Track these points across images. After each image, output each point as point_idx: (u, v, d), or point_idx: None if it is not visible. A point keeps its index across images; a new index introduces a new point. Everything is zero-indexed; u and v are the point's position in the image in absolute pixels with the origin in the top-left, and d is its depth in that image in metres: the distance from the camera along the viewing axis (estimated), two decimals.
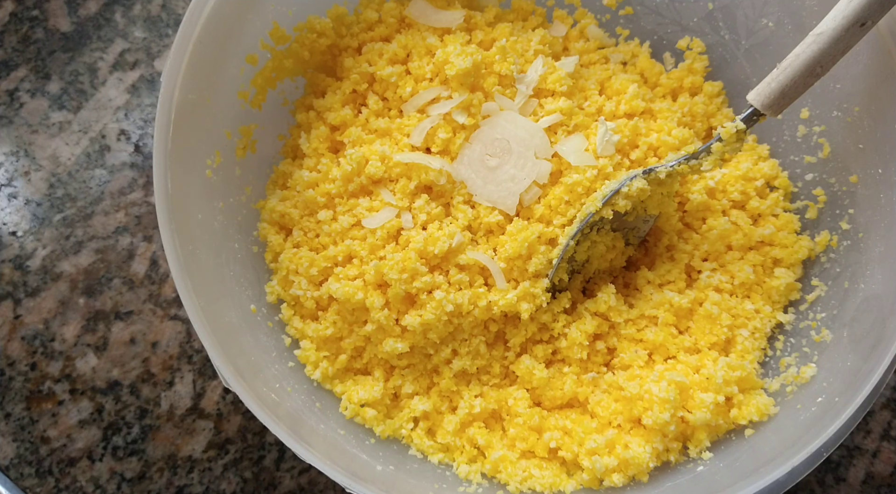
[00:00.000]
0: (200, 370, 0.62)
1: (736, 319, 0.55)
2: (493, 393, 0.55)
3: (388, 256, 0.53)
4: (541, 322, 0.55)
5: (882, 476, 0.59)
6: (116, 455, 0.60)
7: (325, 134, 0.58)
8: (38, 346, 0.63)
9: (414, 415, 0.55)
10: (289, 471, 0.60)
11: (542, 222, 0.55)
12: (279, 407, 0.50)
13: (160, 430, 0.61)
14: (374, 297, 0.53)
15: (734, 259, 0.57)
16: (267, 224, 0.57)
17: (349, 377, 0.56)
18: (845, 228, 0.55)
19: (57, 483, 0.59)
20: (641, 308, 0.56)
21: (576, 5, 0.64)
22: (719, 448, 0.52)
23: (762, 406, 0.52)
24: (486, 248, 0.54)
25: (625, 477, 0.51)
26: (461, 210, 0.55)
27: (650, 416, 0.51)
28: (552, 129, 0.56)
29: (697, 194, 0.58)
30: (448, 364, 0.55)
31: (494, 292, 0.54)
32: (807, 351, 0.54)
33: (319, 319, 0.56)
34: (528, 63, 0.58)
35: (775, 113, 0.50)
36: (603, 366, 0.56)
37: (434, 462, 0.54)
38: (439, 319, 0.52)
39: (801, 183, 0.58)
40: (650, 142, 0.57)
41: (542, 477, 0.52)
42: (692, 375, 0.53)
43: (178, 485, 0.59)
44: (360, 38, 0.59)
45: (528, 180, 0.54)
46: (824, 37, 0.46)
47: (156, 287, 0.64)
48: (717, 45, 0.61)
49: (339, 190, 0.55)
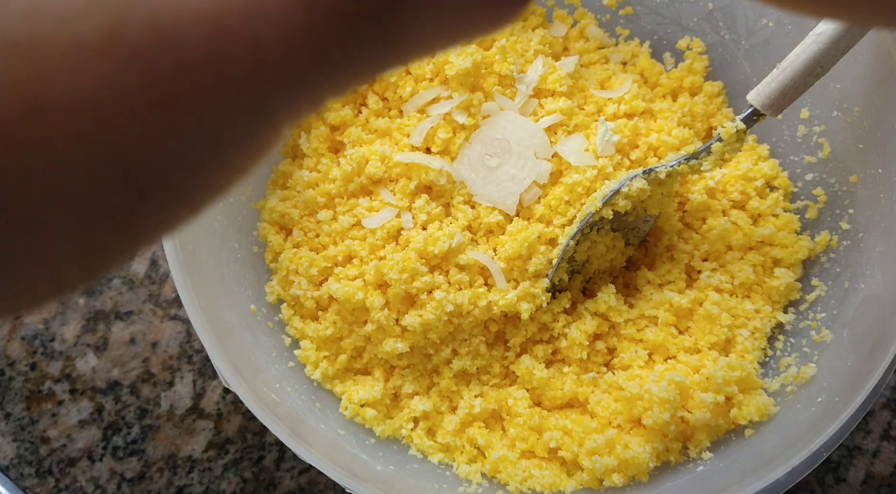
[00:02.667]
0: (200, 370, 0.62)
1: (736, 319, 0.55)
2: (493, 393, 0.55)
3: (388, 256, 0.53)
4: (541, 322, 0.55)
5: (882, 476, 0.59)
6: (116, 455, 0.60)
7: (325, 134, 0.58)
8: (38, 346, 0.63)
9: (414, 415, 0.55)
10: (289, 471, 0.60)
11: (542, 222, 0.55)
12: (279, 406, 0.50)
13: (160, 430, 0.61)
14: (374, 297, 0.53)
15: (734, 259, 0.57)
16: (267, 224, 0.57)
17: (349, 377, 0.56)
18: (845, 228, 0.55)
19: (57, 483, 0.59)
20: (641, 308, 0.56)
21: (576, 5, 0.64)
22: (719, 448, 0.52)
23: (762, 406, 0.52)
24: (486, 248, 0.54)
25: (625, 477, 0.51)
26: (461, 210, 0.55)
27: (650, 416, 0.51)
28: (552, 129, 0.56)
29: (697, 194, 0.58)
30: (448, 364, 0.55)
31: (494, 292, 0.54)
32: (807, 351, 0.54)
33: (319, 319, 0.56)
34: (528, 63, 0.58)
35: (775, 113, 0.50)
36: (603, 366, 0.56)
37: (434, 462, 0.54)
38: (439, 319, 0.52)
39: (801, 183, 0.58)
40: (650, 142, 0.57)
41: (542, 477, 0.52)
42: (692, 375, 0.53)
43: (178, 485, 0.59)
44: None
45: (528, 180, 0.54)
46: (824, 37, 0.46)
47: (156, 287, 0.64)
48: (717, 45, 0.61)
49: (339, 190, 0.55)
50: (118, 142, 0.12)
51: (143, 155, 0.13)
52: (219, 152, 0.14)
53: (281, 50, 0.13)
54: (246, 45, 0.13)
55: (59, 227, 0.13)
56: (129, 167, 0.12)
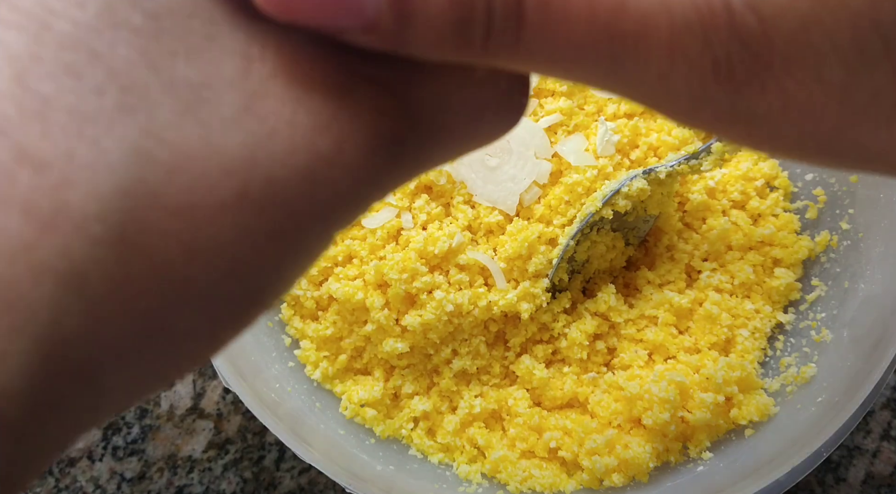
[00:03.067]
0: (200, 370, 0.62)
1: (736, 319, 0.55)
2: (493, 393, 0.55)
3: (388, 256, 0.53)
4: (541, 322, 0.55)
5: (882, 476, 0.59)
6: (116, 455, 0.60)
7: None
8: None
9: (414, 415, 0.55)
10: (289, 471, 0.60)
11: (542, 222, 0.55)
12: (279, 406, 0.50)
13: (160, 430, 0.61)
14: (374, 297, 0.53)
15: (734, 259, 0.57)
16: None
17: (349, 377, 0.56)
18: (845, 228, 0.55)
19: (57, 483, 0.59)
20: (641, 308, 0.56)
21: None
22: (719, 448, 0.52)
23: (762, 406, 0.52)
24: (486, 248, 0.54)
25: (625, 477, 0.51)
26: (461, 210, 0.55)
27: (650, 416, 0.51)
28: (552, 129, 0.56)
29: (697, 194, 0.58)
30: (448, 364, 0.55)
31: (494, 292, 0.54)
32: (807, 351, 0.54)
33: (319, 319, 0.56)
34: None
35: None
36: (603, 366, 0.56)
37: (434, 462, 0.54)
38: (439, 319, 0.52)
39: (801, 183, 0.58)
40: (650, 142, 0.57)
41: (542, 477, 0.52)
42: (692, 375, 0.53)
43: (178, 485, 0.59)
44: None
45: (528, 180, 0.54)
46: None
47: None
48: None
49: None
50: (244, 268, 0.17)
51: (261, 273, 0.18)
52: (302, 265, 0.19)
53: (349, 184, 0.18)
54: (327, 186, 0.17)
55: (200, 330, 0.18)
56: (251, 284, 0.18)
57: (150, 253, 0.15)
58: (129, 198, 0.14)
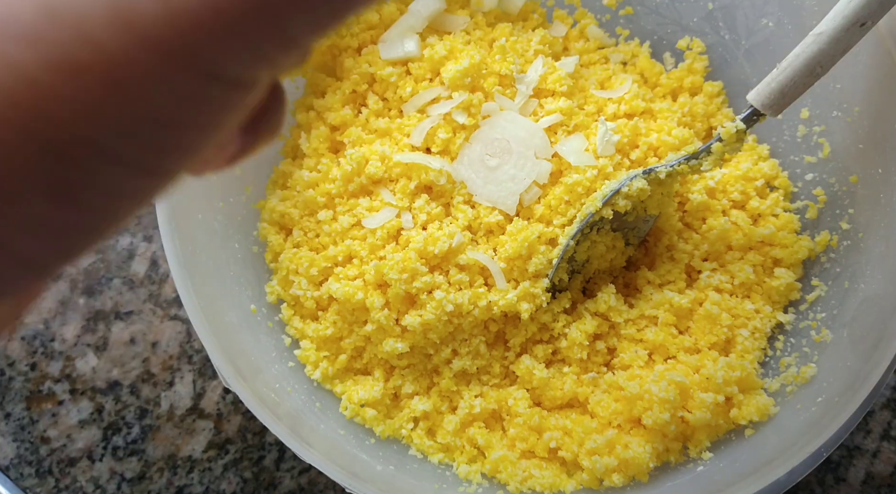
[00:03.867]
0: (200, 370, 0.62)
1: (736, 319, 0.55)
2: (493, 393, 0.55)
3: (388, 256, 0.53)
4: (541, 322, 0.55)
5: (882, 476, 0.59)
6: (116, 455, 0.60)
7: (325, 134, 0.58)
8: (38, 346, 0.63)
9: (414, 415, 0.55)
10: (289, 471, 0.60)
11: (542, 222, 0.55)
12: (279, 406, 0.50)
13: (160, 430, 0.61)
14: (374, 297, 0.53)
15: (734, 259, 0.57)
16: (267, 224, 0.57)
17: (349, 377, 0.56)
18: (845, 228, 0.55)
19: (57, 483, 0.59)
20: (641, 308, 0.56)
21: (576, 5, 0.64)
22: (719, 448, 0.52)
23: (762, 406, 0.52)
24: (486, 248, 0.54)
25: (625, 477, 0.51)
26: (461, 210, 0.55)
27: (650, 416, 0.51)
28: (552, 129, 0.56)
29: (697, 194, 0.58)
30: (448, 364, 0.55)
31: (494, 292, 0.53)
32: (807, 351, 0.54)
33: (319, 319, 0.56)
34: (528, 63, 0.58)
35: (775, 113, 0.50)
36: (603, 366, 0.56)
37: (434, 462, 0.54)
38: (439, 319, 0.52)
39: (801, 183, 0.58)
40: (650, 142, 0.57)
41: (542, 477, 0.52)
42: (692, 375, 0.53)
43: (178, 485, 0.59)
44: (360, 39, 0.59)
45: (528, 180, 0.54)
46: (824, 37, 0.46)
47: (156, 287, 0.64)
48: (717, 45, 0.61)
49: (339, 190, 0.55)
50: (32, 116, 0.14)
51: (61, 123, 0.14)
52: (154, 112, 0.15)
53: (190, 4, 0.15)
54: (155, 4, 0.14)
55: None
56: (50, 136, 0.14)
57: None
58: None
